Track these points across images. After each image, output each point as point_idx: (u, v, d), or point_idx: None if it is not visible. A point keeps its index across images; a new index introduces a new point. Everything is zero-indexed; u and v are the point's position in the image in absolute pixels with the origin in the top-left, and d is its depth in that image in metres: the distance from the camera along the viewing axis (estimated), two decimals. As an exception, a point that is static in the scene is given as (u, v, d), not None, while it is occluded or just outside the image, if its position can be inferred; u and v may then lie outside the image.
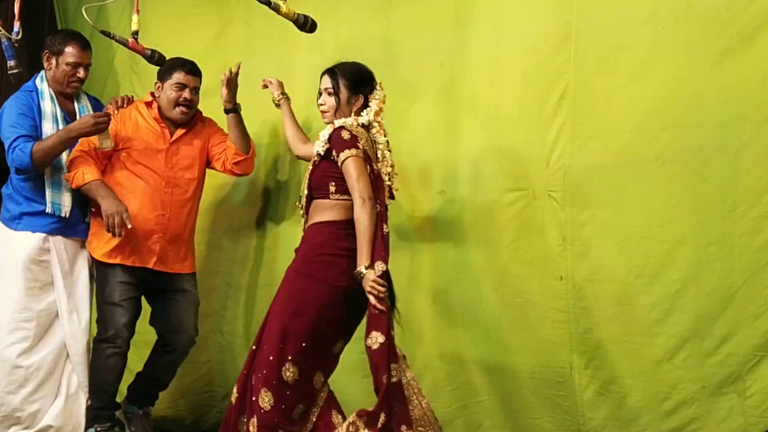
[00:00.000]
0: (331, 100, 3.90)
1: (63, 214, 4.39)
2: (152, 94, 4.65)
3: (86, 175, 4.37)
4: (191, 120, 4.63)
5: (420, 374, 4.33)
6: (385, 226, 3.72)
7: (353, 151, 3.73)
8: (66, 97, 4.52)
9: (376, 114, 3.89)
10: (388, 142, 3.93)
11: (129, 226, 4.28)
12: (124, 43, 4.19)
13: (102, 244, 4.47)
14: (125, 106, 4.62)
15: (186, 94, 4.52)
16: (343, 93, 3.89)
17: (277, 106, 4.44)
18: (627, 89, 3.86)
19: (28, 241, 4.37)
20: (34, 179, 4.36)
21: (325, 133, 3.85)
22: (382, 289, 3.60)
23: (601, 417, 3.92)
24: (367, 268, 3.61)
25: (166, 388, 4.76)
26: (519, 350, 4.12)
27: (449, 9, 4.38)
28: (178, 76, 4.51)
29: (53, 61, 4.44)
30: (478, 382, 4.24)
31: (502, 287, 4.14)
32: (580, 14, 3.98)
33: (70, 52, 4.43)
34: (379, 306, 3.60)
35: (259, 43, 5.00)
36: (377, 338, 3.58)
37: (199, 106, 4.66)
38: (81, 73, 4.49)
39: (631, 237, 3.83)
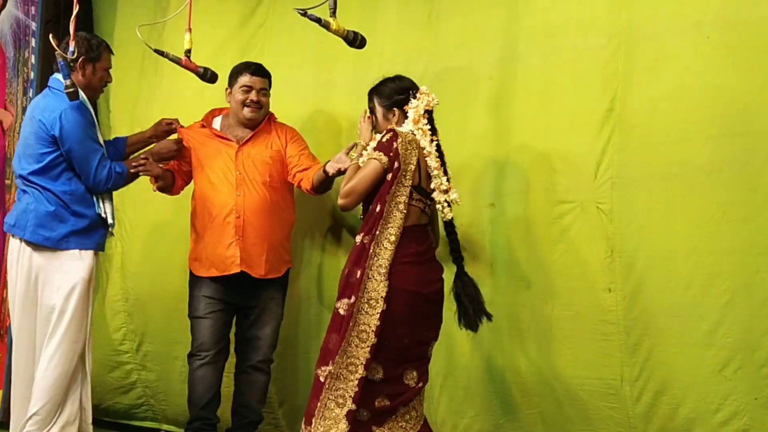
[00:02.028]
0: (366, 126, 4.12)
1: (111, 222, 4.40)
2: (210, 112, 4.75)
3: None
4: (260, 123, 4.65)
5: (469, 388, 4.40)
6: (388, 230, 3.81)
7: (377, 153, 3.85)
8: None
9: (415, 122, 3.95)
10: (437, 146, 3.96)
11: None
12: (177, 62, 4.25)
13: (193, 260, 4.63)
14: (175, 126, 4.76)
15: (253, 95, 4.57)
16: (378, 110, 4.07)
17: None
18: (673, 99, 3.83)
19: (84, 260, 4.34)
20: (83, 192, 4.33)
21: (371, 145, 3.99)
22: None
23: (653, 429, 3.90)
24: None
25: (260, 416, 4.73)
26: (569, 363, 4.11)
27: (497, 23, 4.40)
28: (243, 79, 4.57)
29: (89, 67, 4.38)
30: (529, 394, 4.24)
31: (552, 300, 4.14)
32: (629, 25, 3.98)
33: (106, 57, 4.45)
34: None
35: (297, 55, 5.03)
36: None
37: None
38: (111, 78, 4.55)
39: (678, 248, 3.80)
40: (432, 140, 3.95)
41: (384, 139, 3.87)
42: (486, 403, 4.34)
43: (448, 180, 3.97)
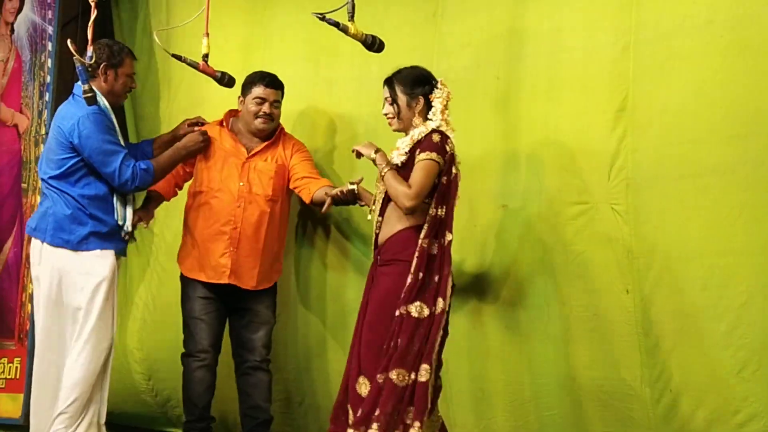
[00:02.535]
0: (392, 109, 3.98)
1: (128, 228, 4.43)
2: (229, 112, 4.76)
3: None
4: (271, 135, 4.69)
5: (488, 389, 4.41)
6: (448, 234, 3.83)
7: (434, 154, 3.81)
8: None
9: (442, 113, 3.91)
10: None
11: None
12: (195, 66, 4.28)
13: (184, 260, 4.68)
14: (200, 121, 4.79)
15: (266, 108, 4.60)
16: (401, 99, 3.95)
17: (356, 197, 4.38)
18: (685, 99, 3.80)
19: (105, 258, 4.36)
20: (102, 197, 4.38)
21: (403, 142, 3.93)
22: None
23: (673, 429, 3.88)
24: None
25: (270, 415, 4.73)
26: (588, 364, 4.09)
27: (504, 21, 4.38)
28: (257, 90, 4.59)
29: (111, 73, 4.43)
30: (549, 396, 4.22)
31: (570, 301, 4.12)
32: (639, 24, 3.94)
33: (129, 63, 4.49)
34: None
35: (297, 52, 5.05)
36: None
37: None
38: (135, 83, 4.61)
39: (694, 249, 3.77)
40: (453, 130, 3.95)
41: (435, 140, 3.83)
42: (504, 404, 4.34)
43: None
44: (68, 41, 3.98)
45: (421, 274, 3.79)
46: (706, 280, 3.75)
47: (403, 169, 3.88)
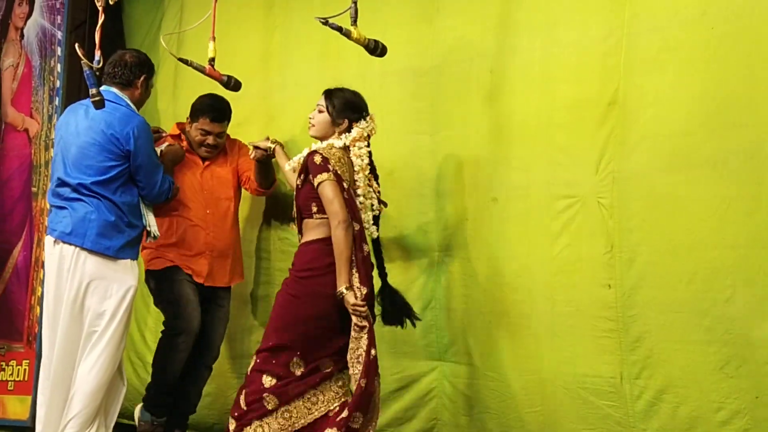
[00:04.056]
0: (319, 117, 4.18)
1: (156, 233, 4.50)
2: (178, 125, 4.92)
3: None
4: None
5: (471, 385, 4.40)
6: (364, 246, 3.97)
7: (324, 174, 3.96)
8: None
9: (354, 140, 4.10)
10: (371, 167, 4.15)
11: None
12: (201, 70, 4.29)
13: (165, 254, 4.76)
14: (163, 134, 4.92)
15: (209, 140, 4.81)
16: (329, 114, 4.16)
17: (272, 154, 4.67)
18: (676, 91, 3.77)
19: (135, 267, 4.44)
20: (136, 204, 4.44)
21: (303, 155, 4.15)
22: (363, 310, 3.87)
23: (654, 427, 3.83)
24: (347, 289, 3.88)
25: (195, 410, 4.90)
26: (569, 360, 4.06)
27: (496, 15, 4.38)
28: (203, 122, 4.79)
29: (145, 85, 4.56)
30: (531, 392, 4.20)
31: (554, 296, 4.10)
32: (631, 17, 3.93)
33: (153, 74, 4.65)
34: (360, 323, 3.88)
35: (298, 51, 5.09)
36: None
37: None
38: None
39: (681, 243, 3.72)
40: (368, 165, 4.13)
41: (318, 161, 3.99)
42: (486, 401, 4.32)
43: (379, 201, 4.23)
44: (76, 45, 3.98)
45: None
46: (692, 275, 3.71)
47: (307, 180, 4.07)
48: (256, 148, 4.66)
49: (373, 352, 3.90)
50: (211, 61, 4.24)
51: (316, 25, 3.92)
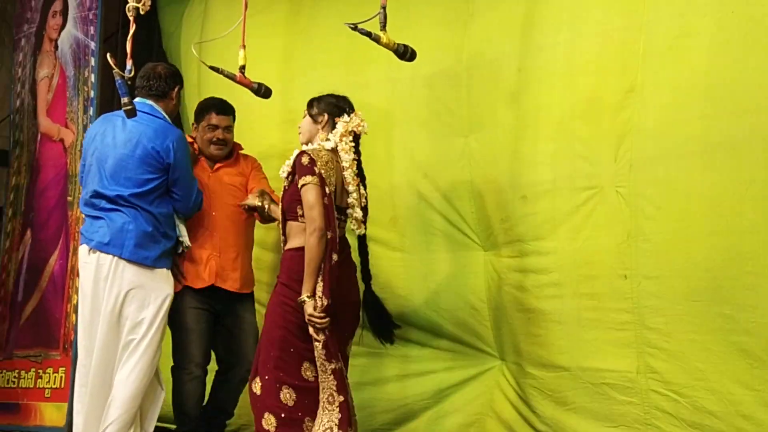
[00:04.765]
0: (303, 122, 4.20)
1: (187, 244, 4.54)
2: (187, 136, 4.86)
3: None
4: (231, 154, 4.86)
5: (509, 381, 4.44)
6: (334, 255, 3.88)
7: (308, 177, 3.90)
8: None
9: (341, 135, 4.05)
10: (357, 163, 4.07)
11: None
12: (232, 78, 4.29)
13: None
14: None
15: (218, 134, 4.77)
16: (312, 115, 4.16)
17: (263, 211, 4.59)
18: (694, 76, 3.71)
19: (170, 278, 4.48)
20: (171, 214, 4.48)
21: (292, 157, 4.07)
22: (318, 322, 3.80)
23: (672, 422, 3.75)
24: (309, 297, 3.82)
25: (232, 416, 4.86)
26: (593, 355, 4.02)
27: (524, 14, 4.39)
28: (209, 118, 4.78)
29: (179, 95, 4.65)
30: (564, 388, 4.16)
31: (579, 289, 4.06)
32: (651, 3, 3.90)
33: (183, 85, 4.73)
34: (316, 336, 3.82)
35: (322, 56, 5.11)
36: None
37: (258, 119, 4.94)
38: None
39: (698, 229, 3.65)
40: (354, 160, 4.06)
41: (305, 162, 3.93)
42: (526, 397, 4.32)
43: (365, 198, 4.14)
44: (108, 55, 4.00)
45: None
46: (710, 262, 3.63)
47: (293, 182, 4.03)
48: (249, 208, 4.61)
49: (335, 360, 3.87)
50: (242, 68, 4.21)
51: (340, 31, 3.95)
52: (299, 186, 3.93)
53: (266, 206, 4.57)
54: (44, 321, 5.81)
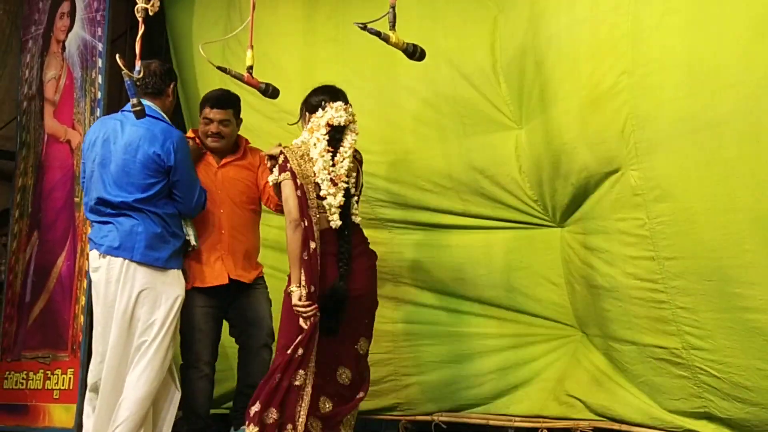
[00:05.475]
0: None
1: (195, 243, 4.54)
2: (192, 130, 4.95)
3: None
4: (237, 149, 4.86)
5: (572, 348, 4.64)
6: (311, 243, 4.05)
7: (283, 174, 4.17)
8: None
9: (311, 131, 4.23)
10: (332, 154, 4.16)
11: None
12: (240, 78, 4.29)
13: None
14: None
15: (213, 128, 4.74)
16: (299, 116, 4.44)
17: None
18: (679, 54, 3.65)
19: (181, 278, 4.49)
20: (177, 214, 4.48)
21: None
22: (303, 311, 4.02)
23: (720, 393, 3.80)
24: (297, 287, 4.02)
25: None
26: (645, 330, 4.06)
27: (526, 3, 4.44)
28: (205, 111, 4.76)
29: (175, 91, 4.66)
30: (634, 361, 4.22)
31: (625, 268, 4.08)
32: None
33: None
34: (303, 325, 4.01)
35: (366, 62, 5.09)
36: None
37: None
38: None
39: (698, 209, 3.64)
40: (327, 151, 4.15)
41: (281, 161, 4.19)
42: (606, 369, 4.42)
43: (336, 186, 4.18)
44: (117, 56, 3.97)
45: None
46: (712, 242, 3.63)
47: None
48: (270, 157, 4.50)
49: (299, 351, 4.03)
50: (249, 69, 4.23)
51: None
52: (278, 183, 4.20)
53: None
54: (52, 322, 5.82)
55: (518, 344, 4.86)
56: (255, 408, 4.05)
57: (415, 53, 4.06)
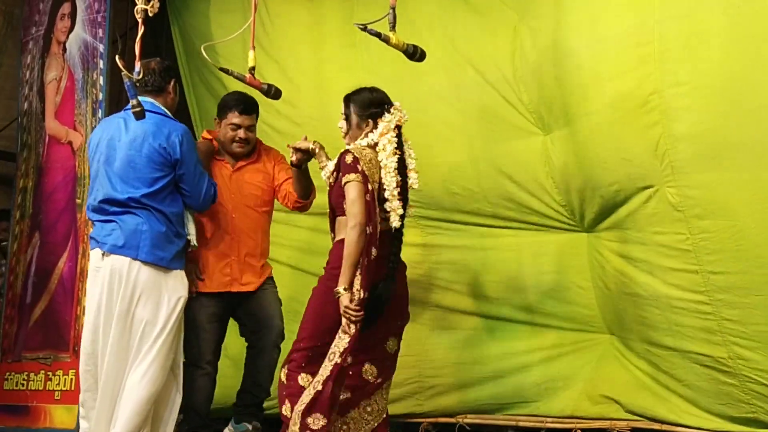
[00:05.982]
0: (345, 125, 4.25)
1: (194, 243, 4.50)
2: (208, 131, 4.90)
3: None
4: (252, 152, 4.81)
5: (600, 350, 4.67)
6: (374, 250, 3.96)
7: (352, 175, 3.99)
8: None
9: (381, 135, 4.09)
10: (399, 159, 4.08)
11: None
12: (242, 79, 4.28)
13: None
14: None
15: (241, 134, 4.72)
16: (353, 119, 4.21)
17: (312, 154, 4.51)
18: (710, 74, 3.71)
19: (184, 278, 4.46)
20: (182, 213, 4.46)
21: (331, 163, 4.19)
22: (353, 314, 3.90)
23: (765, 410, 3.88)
24: (345, 290, 3.91)
25: (269, 393, 4.80)
26: (689, 338, 4.12)
27: (549, 15, 4.42)
28: (232, 116, 4.71)
29: (176, 88, 4.62)
30: (677, 366, 4.27)
31: (666, 279, 4.13)
32: (660, 3, 3.88)
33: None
34: (347, 328, 3.90)
35: (388, 69, 5.04)
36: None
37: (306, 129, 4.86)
38: None
39: (745, 225, 3.73)
40: (394, 153, 4.08)
41: (348, 161, 4.02)
42: (642, 375, 4.47)
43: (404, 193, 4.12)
44: (116, 57, 3.96)
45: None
46: (763, 258, 3.72)
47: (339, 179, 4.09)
48: (296, 150, 4.47)
49: (348, 359, 3.95)
50: (251, 69, 4.22)
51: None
52: (342, 183, 4.03)
53: (317, 150, 4.44)
54: (53, 323, 5.80)
55: (546, 346, 4.90)
56: (311, 419, 3.94)
57: (415, 54, 4.06)
